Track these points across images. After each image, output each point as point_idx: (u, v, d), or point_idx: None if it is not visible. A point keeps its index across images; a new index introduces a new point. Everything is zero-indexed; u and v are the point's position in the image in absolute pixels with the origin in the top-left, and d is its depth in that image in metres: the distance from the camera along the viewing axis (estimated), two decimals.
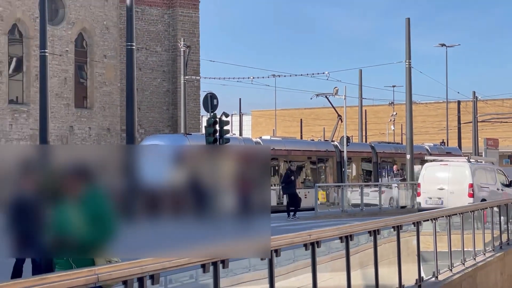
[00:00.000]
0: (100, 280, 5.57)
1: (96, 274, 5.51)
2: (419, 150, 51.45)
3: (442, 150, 58.59)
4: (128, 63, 31.94)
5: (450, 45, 66.43)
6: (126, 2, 31.91)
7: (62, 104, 45.05)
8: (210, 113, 32.50)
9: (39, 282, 5.07)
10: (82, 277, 5.45)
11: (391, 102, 76.00)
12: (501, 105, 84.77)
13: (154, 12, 56.86)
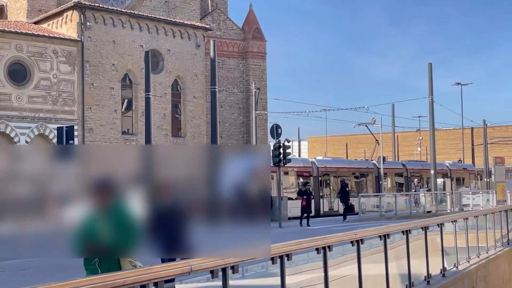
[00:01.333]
0: (193, 270, 5.54)
1: (190, 266, 5.51)
2: (441, 166, 50.71)
3: (459, 167, 57.60)
4: (212, 102, 32.20)
5: (464, 83, 65.88)
6: (210, 55, 32.25)
7: (162, 134, 45.54)
8: (276, 139, 32.55)
9: (147, 272, 5.09)
10: (179, 268, 5.45)
11: (418, 129, 75.22)
12: (506, 131, 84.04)
13: (231, 62, 57.32)
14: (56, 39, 40.98)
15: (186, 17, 52.29)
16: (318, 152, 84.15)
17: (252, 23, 59.03)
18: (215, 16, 57.14)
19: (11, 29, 39.66)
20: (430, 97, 42.74)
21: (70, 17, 42.50)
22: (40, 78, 39.99)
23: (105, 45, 42.99)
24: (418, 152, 79.64)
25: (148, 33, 45.13)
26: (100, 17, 42.84)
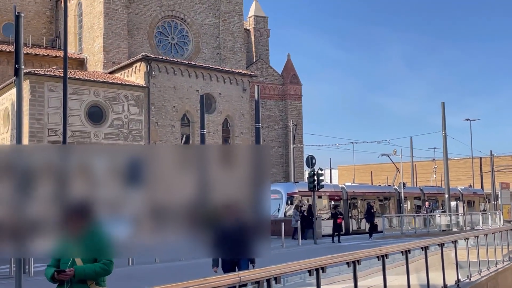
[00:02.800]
0: (242, 281, 5.41)
1: (239, 277, 5.44)
2: (454, 191, 49.65)
3: (470, 191, 56.34)
4: (256, 137, 32.27)
5: (473, 119, 64.71)
6: (255, 98, 32.42)
7: None
8: (311, 168, 32.38)
9: (203, 282, 5.01)
10: (230, 279, 5.39)
11: (433, 159, 74.06)
12: (510, 160, 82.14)
13: (272, 103, 57.50)
14: (127, 86, 41.68)
15: (235, 66, 52.80)
16: (347, 179, 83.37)
17: (290, 70, 59.27)
18: (258, 65, 57.57)
19: (90, 78, 40.51)
20: (443, 132, 42.17)
21: (138, 68, 43.27)
22: (113, 118, 40.64)
23: (167, 90, 43.57)
24: (433, 179, 78.22)
25: (203, 80, 45.62)
26: (163, 67, 43.52)
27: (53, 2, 56.91)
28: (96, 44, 49.31)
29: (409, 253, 10.36)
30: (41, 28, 55.86)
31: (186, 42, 53.45)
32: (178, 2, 52.62)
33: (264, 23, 60.88)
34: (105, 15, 48.14)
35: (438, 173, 75.89)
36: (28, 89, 37.19)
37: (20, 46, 12.00)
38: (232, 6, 54.66)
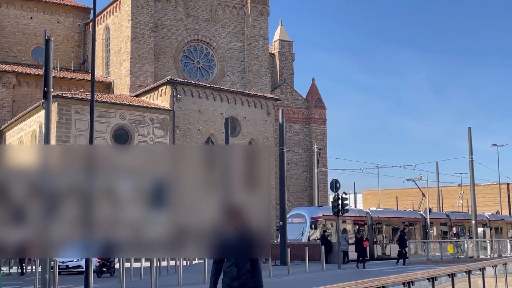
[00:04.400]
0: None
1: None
2: (481, 217, 48.85)
3: (497, 217, 55.39)
4: (280, 160, 32.26)
5: (500, 144, 63.89)
6: (279, 121, 32.50)
7: None
8: (335, 192, 32.18)
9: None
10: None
11: (459, 184, 73.09)
12: None
13: (297, 127, 57.53)
14: (152, 109, 42.09)
15: (259, 90, 53.05)
16: (371, 204, 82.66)
17: (314, 94, 59.35)
18: (283, 89, 57.76)
19: (117, 101, 41.03)
20: (470, 157, 41.65)
21: (164, 91, 43.73)
22: (139, 141, 41.00)
23: (192, 114, 43.90)
24: (460, 205, 77.17)
25: (228, 103, 45.89)
26: (188, 91, 43.91)
27: (82, 26, 58.04)
28: (123, 68, 50.03)
29: (436, 280, 10.19)
30: (69, 52, 56.92)
31: (212, 66, 53.94)
32: (204, 26, 53.26)
33: (289, 47, 61.23)
34: (132, 39, 48.90)
35: (464, 198, 74.85)
36: (56, 111, 37.78)
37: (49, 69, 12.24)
38: (258, 31, 55.13)
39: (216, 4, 54.05)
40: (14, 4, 55.19)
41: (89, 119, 20.15)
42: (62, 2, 58.53)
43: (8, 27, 54.63)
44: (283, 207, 31.69)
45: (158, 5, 50.97)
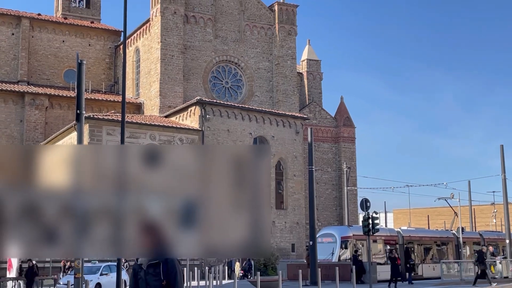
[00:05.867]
0: None
1: None
2: None
3: None
4: (309, 179, 32.17)
5: None
6: (308, 140, 32.47)
7: None
8: (365, 211, 31.89)
9: None
10: None
11: (492, 202, 71.81)
12: None
13: (325, 146, 57.37)
14: (182, 129, 42.45)
15: (288, 109, 53.14)
16: (402, 223, 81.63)
17: (343, 112, 59.21)
18: (311, 108, 57.77)
19: (147, 122, 41.51)
20: (502, 175, 40.98)
21: (193, 111, 44.09)
22: None
23: (221, 133, 44.13)
24: (493, 223, 75.74)
25: (256, 123, 46.05)
26: (217, 111, 44.20)
27: (112, 49, 59.08)
28: (152, 89, 50.68)
29: None
30: (100, 74, 57.93)
31: (240, 86, 54.29)
32: (232, 47, 53.75)
33: (317, 66, 61.34)
34: (161, 61, 49.57)
35: (498, 217, 73.45)
36: (87, 133, 38.37)
37: (81, 92, 12.51)
38: (285, 50, 55.41)
39: (244, 25, 54.55)
40: (46, 28, 56.52)
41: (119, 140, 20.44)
42: (93, 25, 59.75)
43: (41, 50, 55.90)
44: (312, 227, 31.51)
45: (187, 27, 51.66)
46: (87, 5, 67.62)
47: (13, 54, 54.43)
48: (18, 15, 55.42)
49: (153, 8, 51.48)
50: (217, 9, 53.46)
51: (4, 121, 49.55)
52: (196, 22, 52.28)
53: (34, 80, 54.69)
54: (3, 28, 54.59)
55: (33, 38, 55.60)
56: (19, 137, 49.74)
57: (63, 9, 65.97)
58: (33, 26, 55.80)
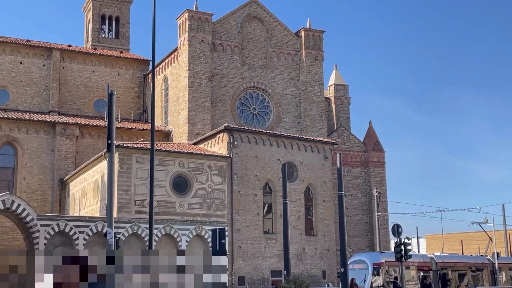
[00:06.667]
0: None
1: None
2: None
3: None
4: (339, 205, 31.89)
5: None
6: (337, 165, 32.25)
7: (297, 233, 45.22)
8: (397, 237, 31.45)
9: None
10: None
11: None
12: None
13: (355, 170, 56.93)
14: (210, 156, 42.60)
15: (316, 134, 53.03)
16: (435, 249, 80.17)
17: (372, 137, 58.83)
18: (340, 132, 57.55)
19: (176, 150, 41.78)
20: None
21: (221, 138, 44.26)
22: (197, 188, 41.43)
23: (249, 160, 44.15)
24: None
25: (284, 149, 45.99)
26: (245, 137, 44.30)
27: (141, 78, 59.93)
28: (181, 117, 51.11)
29: None
30: (129, 103, 58.72)
31: (268, 112, 54.43)
32: (259, 73, 54.07)
33: (344, 91, 61.25)
34: (189, 88, 50.05)
35: None
36: (117, 161, 38.76)
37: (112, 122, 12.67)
38: (313, 76, 55.52)
39: (271, 52, 54.90)
40: (77, 59, 57.68)
41: (149, 168, 20.57)
42: (122, 55, 60.80)
43: (71, 81, 56.98)
44: (343, 253, 31.12)
45: (215, 54, 52.19)
46: (116, 36, 69.03)
47: (44, 85, 55.57)
48: (49, 46, 56.68)
49: (180, 37, 52.19)
50: (243, 37, 53.96)
51: (36, 151, 50.38)
52: (223, 49, 52.80)
53: (65, 110, 55.67)
54: (35, 59, 55.85)
55: (63, 69, 56.74)
56: (51, 166, 50.48)
57: (92, 40, 67.47)
58: (64, 57, 56.98)
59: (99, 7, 68.76)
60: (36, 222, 36.24)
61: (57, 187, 50.13)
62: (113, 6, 69.32)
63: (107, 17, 69.05)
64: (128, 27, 69.67)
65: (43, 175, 50.25)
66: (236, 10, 54.09)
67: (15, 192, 48.34)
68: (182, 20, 52.17)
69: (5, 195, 36.69)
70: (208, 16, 51.95)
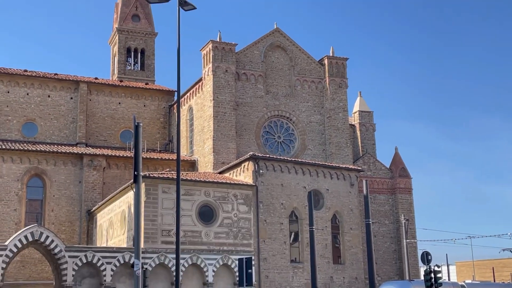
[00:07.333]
0: None
1: None
2: None
3: None
4: (367, 233, 31.59)
5: None
6: (363, 192, 32.05)
7: (325, 261, 44.76)
8: (426, 265, 30.96)
9: None
10: None
11: None
12: None
13: (381, 197, 56.42)
14: (235, 185, 42.63)
15: (341, 161, 52.83)
16: (466, 276, 78.58)
17: (398, 163, 58.38)
18: (365, 159, 57.26)
19: (201, 179, 41.91)
20: None
21: (246, 167, 44.32)
22: (223, 217, 41.40)
23: (275, 188, 44.07)
24: None
25: (310, 176, 45.84)
26: (270, 165, 44.30)
27: (166, 108, 60.61)
28: (206, 146, 51.40)
29: None
30: (155, 133, 59.33)
31: (292, 140, 54.48)
32: (283, 102, 54.29)
33: (369, 118, 61.09)
34: (214, 118, 50.42)
35: None
36: (144, 191, 38.99)
37: (139, 154, 12.83)
38: (337, 103, 55.56)
39: (295, 80, 55.20)
40: (103, 91, 58.67)
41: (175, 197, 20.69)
42: (147, 87, 61.67)
43: (98, 113, 57.87)
44: (372, 282, 30.69)
45: (239, 84, 52.63)
46: (142, 67, 70.16)
47: (71, 117, 56.50)
48: (76, 79, 57.78)
49: (205, 67, 52.80)
50: (267, 66, 54.38)
51: (64, 182, 51.02)
52: (247, 79, 53.23)
53: (92, 141, 56.43)
54: (62, 93, 56.92)
55: (90, 101, 57.69)
56: (78, 198, 51.03)
57: (119, 72, 68.65)
58: (91, 90, 57.99)
59: (125, 40, 70.05)
60: (64, 253, 36.49)
61: (84, 218, 50.56)
62: (138, 38, 70.58)
63: (133, 49, 70.27)
64: (153, 58, 70.77)
65: (70, 206, 50.77)
66: (259, 40, 54.63)
67: (44, 223, 48.87)
68: (206, 51, 52.82)
69: (34, 227, 37.09)
70: (232, 47, 52.53)
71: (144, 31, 71.02)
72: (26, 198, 50.16)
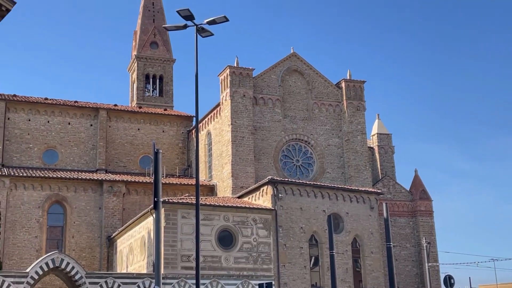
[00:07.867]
0: None
1: None
2: None
3: None
4: (388, 256, 31.20)
5: None
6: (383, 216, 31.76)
7: (346, 286, 44.24)
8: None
9: None
10: None
11: None
12: None
13: (402, 220, 55.93)
14: (255, 210, 42.55)
15: (360, 184, 52.56)
16: None
17: (418, 186, 57.95)
18: (385, 182, 56.92)
19: (220, 204, 41.93)
20: None
21: (265, 191, 44.28)
22: (243, 242, 41.27)
23: (294, 212, 43.92)
24: None
25: (329, 200, 45.63)
26: (289, 189, 44.21)
27: (185, 134, 60.97)
28: (225, 171, 51.50)
29: None
30: (174, 159, 59.61)
31: (311, 163, 54.40)
32: (301, 126, 54.37)
33: (388, 140, 60.87)
34: (233, 142, 50.59)
35: None
36: (163, 217, 39.07)
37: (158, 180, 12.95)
38: (355, 126, 55.49)
39: (312, 104, 55.31)
40: (122, 117, 59.25)
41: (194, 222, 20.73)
42: (166, 112, 62.18)
43: (117, 139, 58.40)
44: None
45: (257, 108, 52.86)
46: (160, 94, 70.92)
47: (91, 144, 57.07)
48: (96, 107, 58.47)
49: (222, 92, 53.18)
50: (284, 90, 54.61)
51: (84, 209, 51.37)
52: (264, 103, 53.47)
53: (111, 168, 56.85)
54: (82, 120, 57.61)
55: (110, 127, 58.28)
56: (98, 224, 51.29)
57: (137, 99, 69.44)
58: (110, 117, 58.60)
59: (143, 67, 70.94)
60: (84, 280, 36.60)
61: (104, 244, 50.74)
62: (157, 65, 71.44)
63: (151, 76, 71.09)
64: (172, 84, 71.50)
65: (91, 232, 51.03)
66: (276, 64, 54.96)
67: (64, 250, 49.10)
68: (223, 76, 53.26)
69: (55, 253, 37.31)
70: (249, 71, 52.90)
71: (162, 58, 71.89)
72: (47, 225, 50.56)
